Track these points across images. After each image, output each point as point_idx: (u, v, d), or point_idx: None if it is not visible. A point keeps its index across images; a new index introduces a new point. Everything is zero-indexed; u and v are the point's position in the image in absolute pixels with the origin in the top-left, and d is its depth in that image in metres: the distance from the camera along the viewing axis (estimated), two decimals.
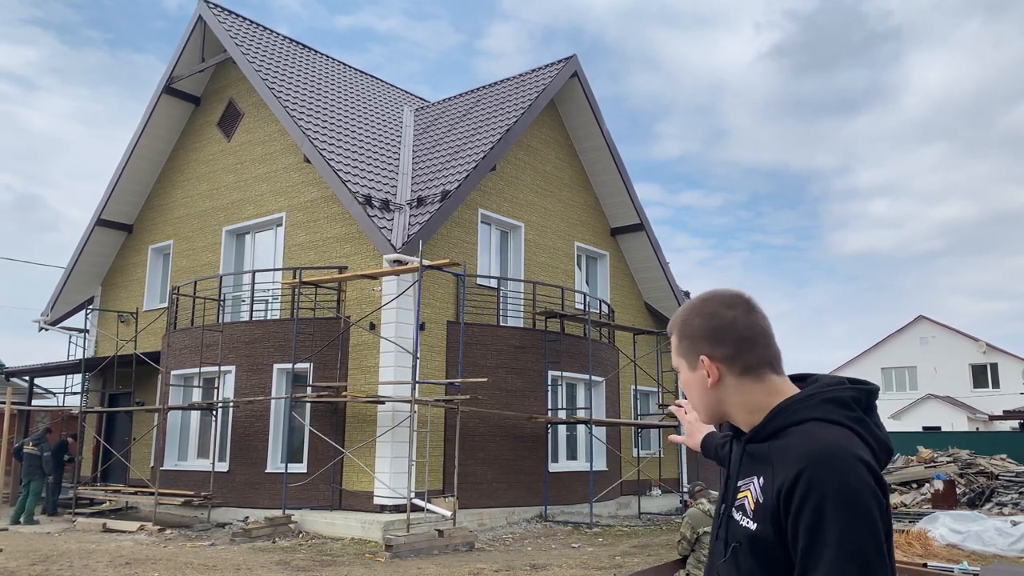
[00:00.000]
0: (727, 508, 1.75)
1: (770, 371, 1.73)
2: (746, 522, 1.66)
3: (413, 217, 15.36)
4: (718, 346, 1.73)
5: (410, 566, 10.44)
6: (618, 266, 21.40)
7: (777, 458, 1.62)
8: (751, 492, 1.67)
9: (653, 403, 21.82)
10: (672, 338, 1.86)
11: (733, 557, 1.68)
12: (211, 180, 19.08)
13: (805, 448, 1.57)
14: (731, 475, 1.80)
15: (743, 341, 1.72)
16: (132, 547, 12.00)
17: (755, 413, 1.72)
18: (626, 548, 12.37)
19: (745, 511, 1.67)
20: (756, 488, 1.66)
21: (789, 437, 1.63)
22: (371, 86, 23.53)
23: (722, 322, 1.73)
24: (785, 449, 1.61)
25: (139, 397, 18.95)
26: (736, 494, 1.73)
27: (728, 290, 1.80)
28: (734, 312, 1.74)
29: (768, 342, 1.74)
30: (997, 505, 18.58)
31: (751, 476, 1.69)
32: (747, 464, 1.73)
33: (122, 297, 20.81)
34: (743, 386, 1.73)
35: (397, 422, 14.09)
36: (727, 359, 1.72)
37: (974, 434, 28.79)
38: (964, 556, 11.17)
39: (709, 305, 1.77)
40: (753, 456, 1.71)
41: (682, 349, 1.81)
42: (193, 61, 19.37)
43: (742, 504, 1.69)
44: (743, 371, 1.72)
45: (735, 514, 1.71)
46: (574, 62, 19.49)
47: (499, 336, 15.99)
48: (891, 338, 47.11)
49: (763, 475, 1.65)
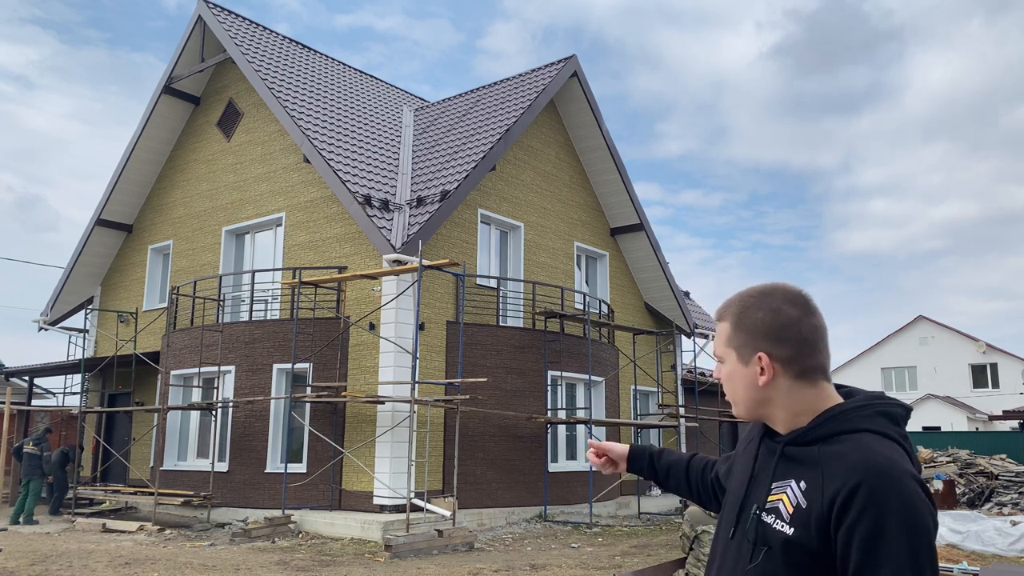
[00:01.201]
0: (758, 509, 1.67)
1: (823, 377, 1.68)
2: (780, 526, 1.60)
3: (413, 217, 15.36)
4: (779, 345, 1.66)
5: (410, 566, 10.44)
6: (618, 266, 21.40)
7: (829, 464, 1.56)
8: (788, 496, 1.61)
9: (653, 403, 21.82)
10: (722, 325, 1.76)
11: (765, 561, 1.61)
12: (211, 180, 19.07)
13: (863, 459, 1.52)
14: (757, 474, 1.73)
15: (805, 344, 1.66)
16: (132, 547, 12.00)
17: (801, 416, 1.67)
18: (626, 548, 12.37)
19: (780, 515, 1.61)
20: (795, 492, 1.60)
21: (843, 444, 1.58)
22: (371, 86, 23.53)
23: (787, 321, 1.66)
24: (839, 456, 1.56)
25: (139, 397, 18.95)
26: (768, 495, 1.67)
27: (790, 286, 1.72)
28: (798, 312, 1.67)
29: (825, 346, 1.69)
30: (997, 505, 18.59)
31: (788, 479, 1.63)
32: (784, 466, 1.66)
33: (122, 297, 20.81)
34: (796, 389, 1.67)
35: (397, 422, 14.09)
36: (786, 360, 1.66)
37: (974, 434, 28.80)
38: (964, 556, 11.17)
39: (772, 300, 1.69)
40: (794, 459, 1.65)
41: (736, 341, 1.72)
42: (193, 61, 19.37)
43: (776, 507, 1.63)
44: (799, 374, 1.66)
45: (766, 517, 1.64)
46: (574, 62, 19.49)
47: (499, 336, 15.99)
48: (891, 338, 47.12)
49: (806, 480, 1.59)
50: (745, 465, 1.80)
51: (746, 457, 1.82)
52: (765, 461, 1.73)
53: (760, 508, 1.67)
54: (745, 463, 1.81)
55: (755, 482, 1.73)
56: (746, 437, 1.92)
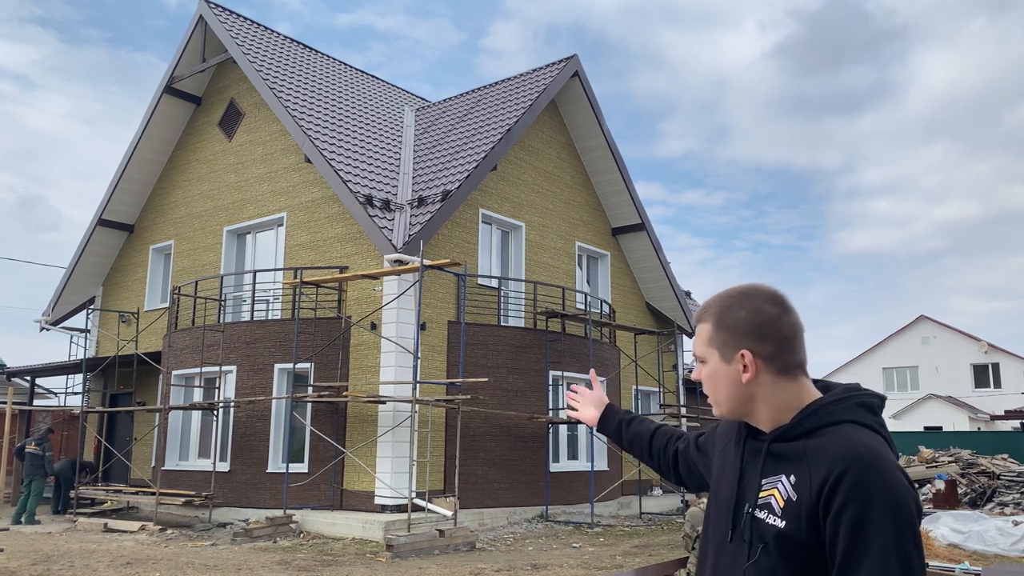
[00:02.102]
0: (751, 507, 1.71)
1: (802, 373, 1.74)
2: (773, 520, 1.64)
3: (414, 217, 15.36)
4: (760, 342, 1.71)
5: (411, 566, 10.44)
6: (619, 266, 21.40)
7: (814, 456, 1.62)
8: (779, 491, 1.66)
9: (654, 403, 21.82)
10: (703, 326, 1.80)
11: (762, 556, 1.65)
12: (212, 180, 19.08)
13: (847, 449, 1.58)
14: (746, 474, 1.77)
15: (785, 341, 1.71)
16: (133, 547, 12.01)
17: (783, 412, 1.72)
18: (627, 548, 12.36)
19: (772, 510, 1.65)
20: (786, 486, 1.64)
21: (825, 436, 1.64)
22: (372, 86, 23.54)
23: (767, 319, 1.72)
24: (823, 448, 1.61)
25: (140, 397, 18.96)
26: (759, 493, 1.71)
27: (767, 286, 1.78)
28: (777, 310, 1.73)
29: (803, 344, 1.76)
30: (999, 505, 18.56)
31: (778, 475, 1.68)
32: (772, 463, 1.71)
33: (123, 297, 20.82)
34: (778, 385, 1.72)
35: (398, 422, 14.09)
36: (767, 357, 1.71)
37: (975, 434, 28.77)
38: (966, 556, 11.15)
39: (752, 300, 1.75)
40: (780, 455, 1.69)
41: (718, 340, 1.76)
42: (194, 61, 19.38)
43: (768, 503, 1.67)
44: (780, 370, 1.71)
45: (759, 513, 1.68)
46: (575, 62, 19.49)
47: (500, 336, 15.99)
48: (892, 338, 47.07)
49: (795, 473, 1.64)
50: (732, 467, 1.82)
51: (730, 459, 1.85)
52: (752, 461, 1.77)
53: (752, 506, 1.70)
54: (731, 465, 1.83)
55: (745, 483, 1.76)
56: (721, 439, 1.95)
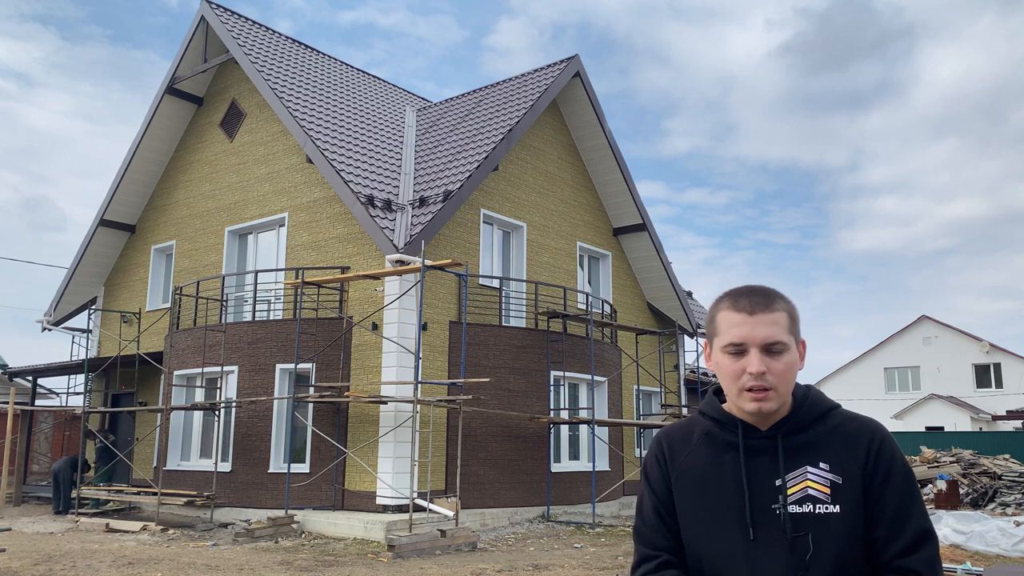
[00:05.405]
0: (783, 504, 1.69)
1: None
2: (824, 508, 1.68)
3: (415, 217, 15.37)
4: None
5: (413, 566, 10.44)
6: (620, 266, 21.40)
7: (843, 439, 1.74)
8: (814, 480, 1.71)
9: (655, 403, 21.82)
10: (779, 314, 1.81)
11: (824, 543, 1.66)
12: (213, 180, 19.10)
13: (867, 423, 1.78)
14: (757, 475, 1.73)
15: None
16: (135, 547, 12.02)
17: (785, 405, 1.80)
18: (628, 548, 12.37)
19: (817, 499, 1.69)
20: (823, 475, 1.71)
21: (839, 419, 1.79)
22: (373, 86, 23.55)
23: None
24: (848, 429, 1.76)
25: (142, 397, 18.98)
26: (786, 489, 1.71)
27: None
28: None
29: None
30: (1000, 505, 18.55)
31: (801, 467, 1.72)
32: (793, 455, 1.74)
33: (125, 297, 20.85)
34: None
35: (399, 422, 14.10)
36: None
37: (977, 434, 28.74)
38: (967, 556, 11.15)
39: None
40: (796, 448, 1.74)
41: (795, 329, 1.84)
42: (196, 61, 19.40)
43: (806, 494, 1.70)
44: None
45: (800, 507, 1.69)
46: (576, 62, 19.49)
47: (501, 336, 15.99)
48: (894, 338, 47.02)
49: (824, 460, 1.72)
50: (731, 472, 1.77)
51: (723, 465, 1.79)
52: (759, 460, 1.74)
53: (785, 502, 1.71)
54: (728, 470, 1.78)
55: (756, 483, 1.73)
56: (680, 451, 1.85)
